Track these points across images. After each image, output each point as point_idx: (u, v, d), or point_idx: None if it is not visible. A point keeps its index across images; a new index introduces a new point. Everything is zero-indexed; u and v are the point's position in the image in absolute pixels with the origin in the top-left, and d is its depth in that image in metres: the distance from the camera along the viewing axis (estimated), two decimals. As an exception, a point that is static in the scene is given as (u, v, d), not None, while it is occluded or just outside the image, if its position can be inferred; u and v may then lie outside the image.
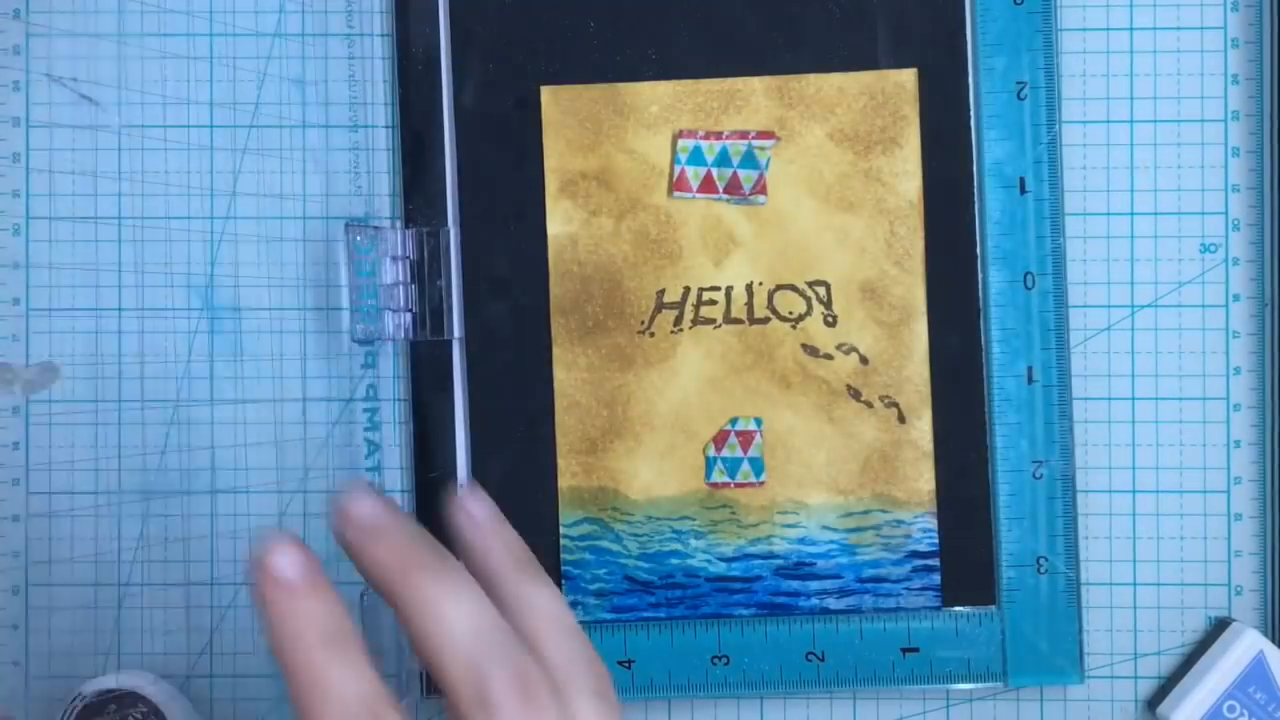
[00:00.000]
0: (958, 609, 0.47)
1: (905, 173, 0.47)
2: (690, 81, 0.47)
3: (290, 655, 0.33)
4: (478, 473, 0.47)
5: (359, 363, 0.48)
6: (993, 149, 0.46)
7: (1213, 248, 0.47)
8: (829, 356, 0.47)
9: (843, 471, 0.47)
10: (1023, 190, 0.46)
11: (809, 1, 0.47)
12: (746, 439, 0.47)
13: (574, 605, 0.47)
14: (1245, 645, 0.45)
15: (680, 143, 0.46)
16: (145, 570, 0.47)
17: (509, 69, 0.47)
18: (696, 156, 0.46)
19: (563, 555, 0.47)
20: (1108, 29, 0.48)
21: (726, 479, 0.47)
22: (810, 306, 0.47)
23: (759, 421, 0.47)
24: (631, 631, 0.46)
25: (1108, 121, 0.48)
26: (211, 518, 0.48)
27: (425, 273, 0.47)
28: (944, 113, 0.47)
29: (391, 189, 0.48)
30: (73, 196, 0.48)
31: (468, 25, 0.47)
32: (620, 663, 0.46)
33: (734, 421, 0.47)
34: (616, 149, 0.47)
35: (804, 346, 0.47)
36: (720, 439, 0.47)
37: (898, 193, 0.47)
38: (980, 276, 0.47)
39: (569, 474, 0.47)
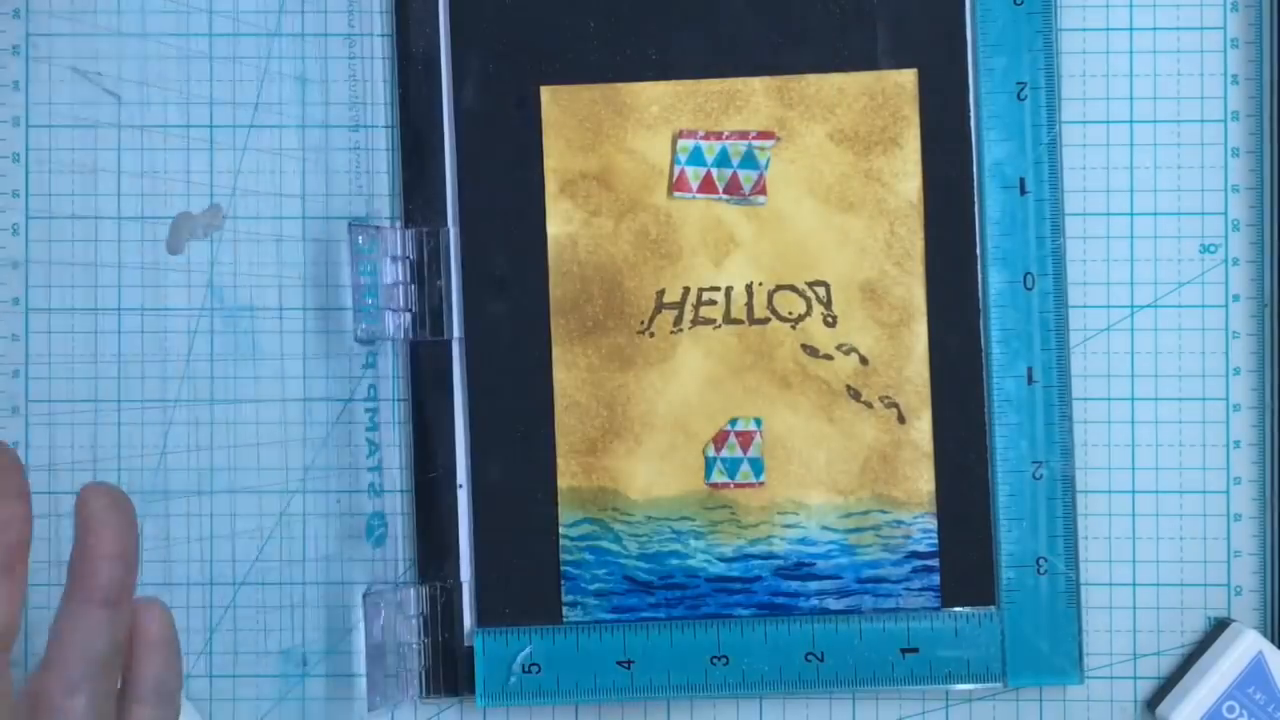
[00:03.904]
0: (957, 609, 0.47)
1: (905, 173, 0.47)
2: (690, 82, 0.47)
3: None
4: (478, 473, 0.47)
5: (359, 362, 0.48)
6: (993, 149, 0.46)
7: (1213, 248, 0.47)
8: (829, 357, 0.47)
9: (842, 472, 0.47)
10: (1023, 191, 0.46)
11: (809, 2, 0.47)
12: (746, 439, 0.47)
13: (574, 606, 0.47)
14: (1245, 646, 0.45)
15: (680, 143, 0.46)
16: (145, 570, 0.47)
17: (509, 69, 0.47)
18: (696, 157, 0.46)
19: (562, 555, 0.47)
20: (1108, 29, 0.47)
21: (726, 479, 0.47)
22: (810, 307, 0.47)
23: (759, 422, 0.47)
24: (631, 632, 0.46)
25: (1108, 121, 0.48)
26: (211, 518, 0.48)
27: (425, 273, 0.47)
28: (944, 113, 0.47)
29: (391, 189, 0.48)
30: (72, 196, 0.48)
31: (468, 25, 0.47)
32: (620, 663, 0.46)
33: (734, 422, 0.47)
34: (616, 149, 0.47)
35: (804, 347, 0.47)
36: (720, 439, 0.47)
37: (898, 193, 0.47)
38: (980, 277, 0.47)
39: (569, 474, 0.47)
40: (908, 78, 0.47)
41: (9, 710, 0.34)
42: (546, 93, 0.47)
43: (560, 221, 0.47)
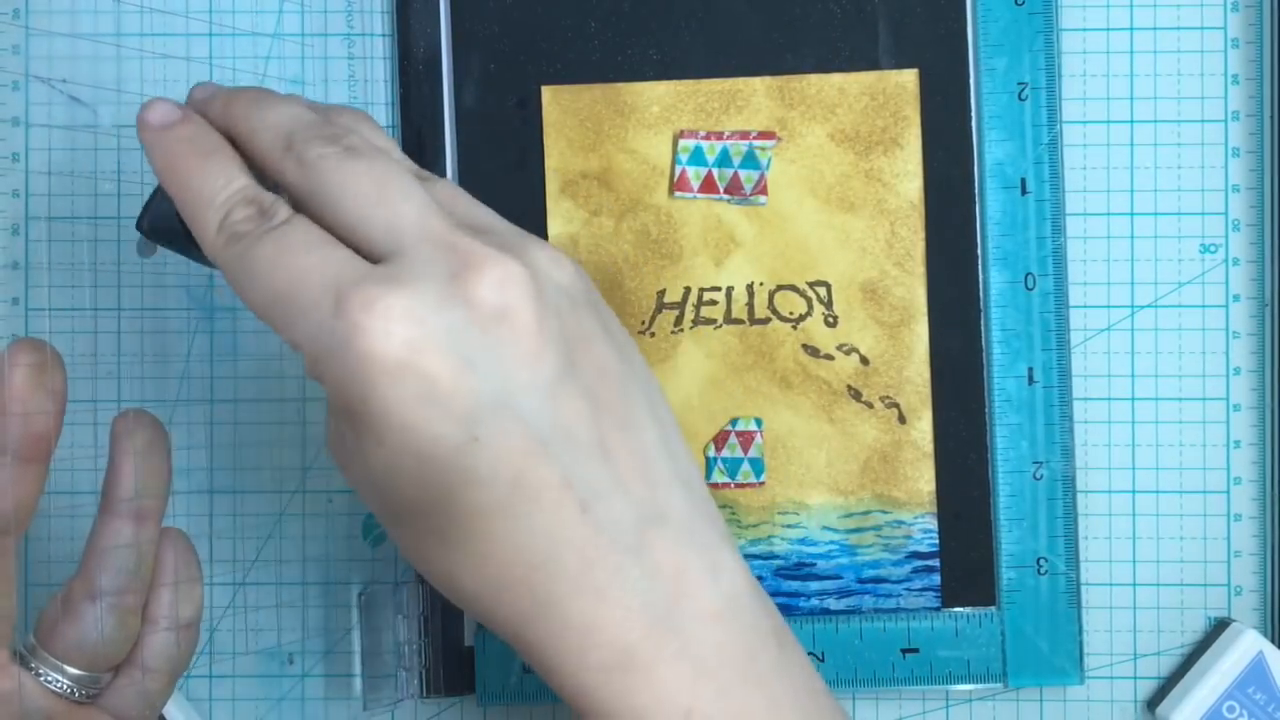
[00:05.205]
0: (958, 609, 0.47)
1: (906, 173, 0.47)
2: (691, 81, 0.47)
3: (174, 177, 0.34)
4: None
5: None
6: (994, 149, 0.46)
7: (1213, 248, 0.47)
8: (829, 357, 0.47)
9: (843, 472, 0.47)
10: (1023, 191, 0.46)
11: (810, 1, 0.47)
12: (747, 439, 0.47)
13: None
14: (1245, 646, 0.45)
15: (681, 143, 0.46)
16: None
17: (509, 69, 0.47)
18: (697, 157, 0.46)
19: (563, 555, 0.47)
20: (1108, 29, 0.48)
21: (727, 479, 0.47)
22: (811, 307, 0.47)
23: (759, 422, 0.47)
24: (632, 632, 0.46)
25: (1108, 121, 0.48)
26: (210, 518, 0.48)
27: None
28: (945, 113, 0.47)
29: (391, 189, 0.47)
30: (72, 196, 0.48)
31: (468, 25, 0.47)
32: (620, 663, 0.46)
33: (734, 422, 0.47)
34: (617, 149, 0.47)
35: (804, 347, 0.47)
36: (720, 439, 0.47)
37: (898, 193, 0.47)
38: (981, 277, 0.47)
39: (569, 474, 0.47)
40: (909, 78, 0.47)
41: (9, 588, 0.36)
42: (548, 92, 0.47)
43: (561, 221, 0.47)
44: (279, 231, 0.32)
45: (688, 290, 0.47)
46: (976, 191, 0.47)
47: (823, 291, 0.47)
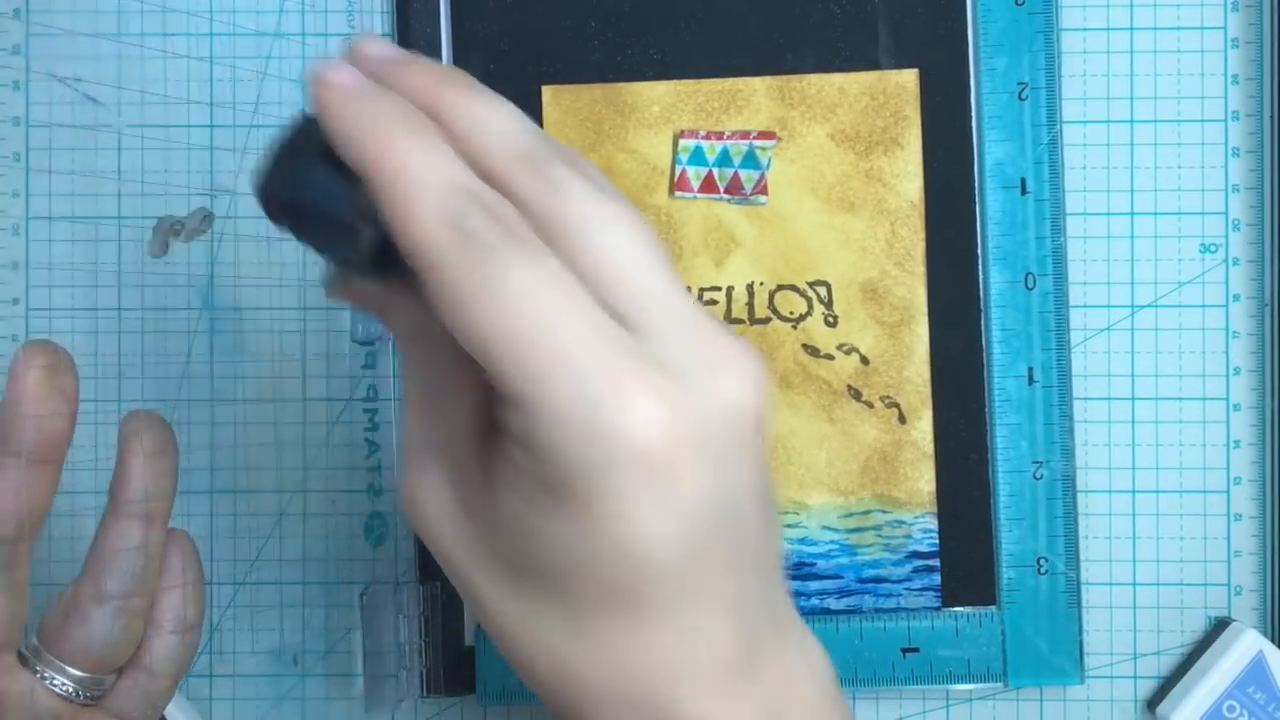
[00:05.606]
0: (958, 609, 0.47)
1: (906, 173, 0.47)
2: (691, 81, 0.47)
3: (373, 148, 0.28)
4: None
5: (359, 362, 0.48)
6: (994, 149, 0.46)
7: (1213, 248, 0.47)
8: (830, 357, 0.47)
9: (843, 472, 0.47)
10: (1023, 191, 0.46)
11: (810, 1, 0.47)
12: (747, 439, 0.47)
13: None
14: (1245, 645, 0.45)
15: (681, 143, 0.46)
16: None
17: (509, 69, 0.47)
18: (698, 157, 0.46)
19: (563, 555, 0.47)
20: (1108, 29, 0.48)
21: (727, 479, 0.47)
22: (811, 307, 0.47)
23: (759, 422, 0.47)
24: (632, 631, 0.46)
25: (1108, 121, 0.48)
26: (211, 518, 0.48)
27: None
28: (945, 113, 0.47)
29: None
30: (72, 196, 0.48)
31: (468, 25, 0.47)
32: (621, 663, 0.46)
33: (734, 422, 0.47)
34: (617, 149, 0.47)
35: (805, 347, 0.47)
36: (721, 439, 0.47)
37: (899, 193, 0.47)
38: (981, 277, 0.47)
39: (569, 474, 0.47)
40: (909, 78, 0.47)
41: (22, 597, 0.36)
42: (548, 92, 0.47)
43: (561, 221, 0.47)
44: (532, 259, 0.28)
45: (688, 290, 0.47)
46: (976, 191, 0.47)
47: (823, 291, 0.47)
